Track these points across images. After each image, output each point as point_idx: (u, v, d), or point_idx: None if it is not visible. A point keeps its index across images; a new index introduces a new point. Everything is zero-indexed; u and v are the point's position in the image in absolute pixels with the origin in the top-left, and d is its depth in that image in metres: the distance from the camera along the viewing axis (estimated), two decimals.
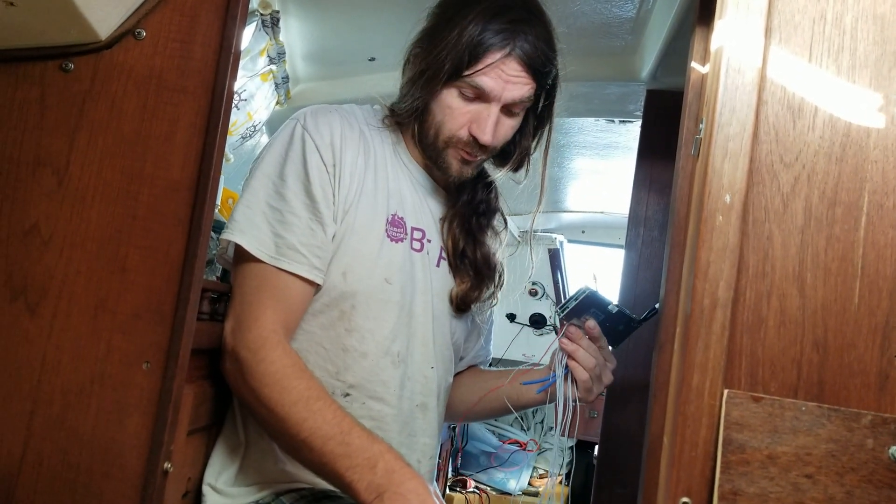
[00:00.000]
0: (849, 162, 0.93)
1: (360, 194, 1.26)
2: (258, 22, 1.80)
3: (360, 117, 1.33)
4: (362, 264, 1.25)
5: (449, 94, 1.26)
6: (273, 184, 1.21)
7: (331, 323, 1.25)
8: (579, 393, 1.37)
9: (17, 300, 1.01)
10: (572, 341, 1.36)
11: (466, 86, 1.24)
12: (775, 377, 0.91)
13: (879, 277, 0.91)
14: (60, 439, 0.99)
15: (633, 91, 2.06)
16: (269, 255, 1.18)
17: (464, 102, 1.26)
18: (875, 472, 0.87)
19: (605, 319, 1.38)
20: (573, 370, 1.36)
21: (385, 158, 1.32)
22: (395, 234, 1.29)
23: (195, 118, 1.04)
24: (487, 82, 1.23)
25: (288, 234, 1.19)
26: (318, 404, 1.12)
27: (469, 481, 3.99)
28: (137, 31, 1.06)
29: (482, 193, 1.43)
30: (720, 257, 0.91)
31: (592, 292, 1.36)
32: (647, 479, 1.15)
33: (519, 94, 1.26)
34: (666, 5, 1.63)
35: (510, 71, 1.24)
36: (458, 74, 1.23)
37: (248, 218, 1.20)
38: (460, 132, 1.27)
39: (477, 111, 1.26)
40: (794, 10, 0.95)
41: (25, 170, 1.03)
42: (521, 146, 1.40)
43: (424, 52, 1.28)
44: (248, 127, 2.10)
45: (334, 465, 1.09)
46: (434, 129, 1.29)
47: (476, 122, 1.26)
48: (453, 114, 1.26)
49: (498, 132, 1.28)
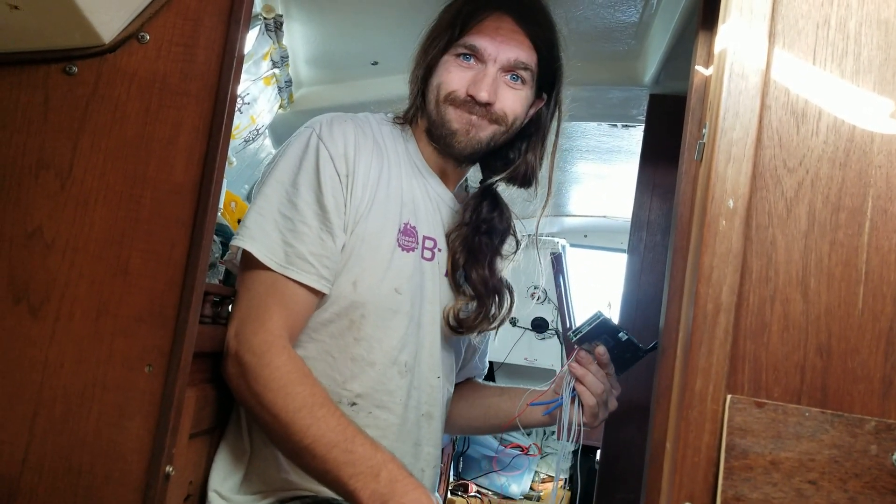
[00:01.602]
0: (853, 167, 0.93)
1: (371, 204, 1.25)
2: (261, 26, 1.80)
3: (374, 126, 1.34)
4: (373, 274, 1.24)
5: (446, 60, 1.30)
6: (286, 192, 1.21)
7: (340, 332, 1.25)
8: (585, 418, 1.37)
9: (20, 303, 1.01)
10: (582, 366, 1.36)
11: (461, 47, 1.28)
12: (778, 382, 0.91)
13: (883, 283, 0.91)
14: (62, 442, 0.99)
15: (635, 95, 2.06)
16: (278, 263, 1.18)
17: (462, 66, 1.29)
18: (878, 479, 0.87)
19: (614, 346, 1.39)
20: (581, 395, 1.37)
21: (399, 166, 1.32)
22: (406, 244, 1.29)
23: (198, 122, 1.04)
24: (480, 40, 1.27)
25: (298, 243, 1.19)
26: (322, 411, 1.11)
27: (470, 485, 3.98)
28: (141, 34, 1.06)
29: (486, 212, 1.40)
30: (723, 262, 0.91)
31: (605, 319, 1.37)
32: (650, 484, 1.14)
33: (515, 54, 1.29)
34: (669, 10, 1.63)
35: (504, 30, 1.28)
36: (453, 41, 1.28)
37: (259, 225, 1.19)
38: (458, 91, 1.29)
39: (473, 74, 1.29)
40: (797, 14, 0.95)
41: (29, 173, 1.03)
42: (527, 160, 1.40)
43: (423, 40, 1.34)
44: (251, 130, 2.11)
45: (338, 473, 1.09)
46: (434, 92, 1.31)
47: (473, 84, 1.28)
48: (450, 75, 1.30)
49: (501, 97, 1.30)
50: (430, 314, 1.32)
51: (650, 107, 1.99)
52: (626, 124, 2.32)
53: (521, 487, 4.04)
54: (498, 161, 1.42)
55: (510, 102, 1.31)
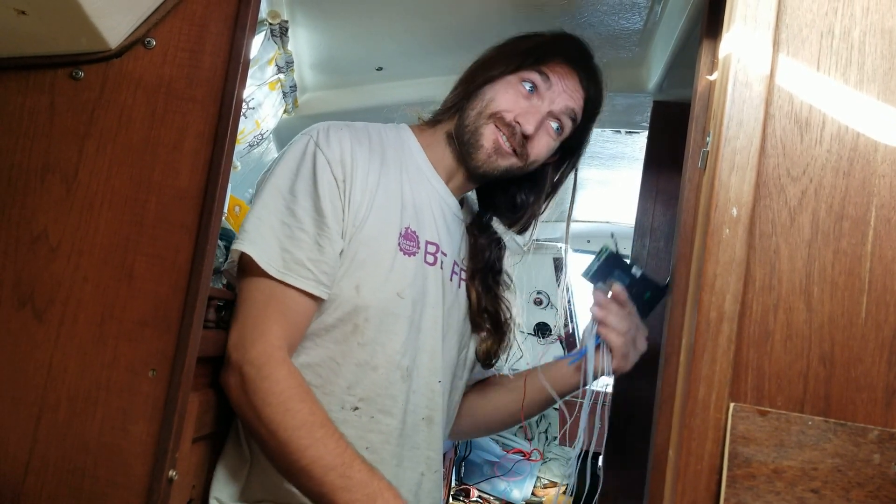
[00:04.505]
0: (856, 176, 0.93)
1: (371, 208, 1.26)
2: (267, 31, 1.81)
3: (371, 132, 1.34)
4: (375, 278, 1.25)
5: (509, 81, 1.33)
6: (284, 199, 1.21)
7: (344, 337, 1.25)
8: (615, 362, 1.33)
9: (25, 307, 1.01)
10: (601, 308, 1.33)
11: (533, 74, 1.32)
12: (782, 391, 0.91)
13: (887, 292, 0.91)
14: (66, 446, 0.99)
15: (639, 102, 2.06)
16: (276, 269, 1.18)
17: (521, 92, 1.32)
18: (882, 488, 0.87)
19: (630, 285, 1.33)
20: (605, 337, 1.32)
21: (400, 171, 1.33)
22: (407, 248, 1.29)
23: (203, 127, 1.04)
24: (552, 77, 1.33)
25: (296, 249, 1.19)
26: (321, 431, 1.12)
27: (472, 491, 3.98)
28: (147, 39, 1.06)
29: (496, 252, 1.48)
30: (727, 270, 0.91)
31: (613, 253, 1.32)
32: (652, 492, 1.14)
33: (570, 104, 1.35)
34: (673, 17, 1.64)
35: (571, 81, 1.34)
36: (523, 65, 1.31)
37: (258, 230, 1.20)
38: (507, 114, 1.32)
39: (528, 105, 1.33)
40: (801, 24, 0.95)
41: (34, 177, 1.04)
42: (532, 208, 1.46)
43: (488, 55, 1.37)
44: (256, 135, 2.11)
45: (333, 497, 1.09)
46: (482, 102, 1.34)
47: (525, 114, 1.32)
48: (507, 96, 1.33)
49: (538, 137, 1.34)
50: (432, 318, 1.32)
51: (654, 113, 1.99)
52: (630, 130, 2.32)
53: (523, 493, 4.04)
54: (500, 195, 1.50)
55: (542, 146, 1.36)
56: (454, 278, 1.39)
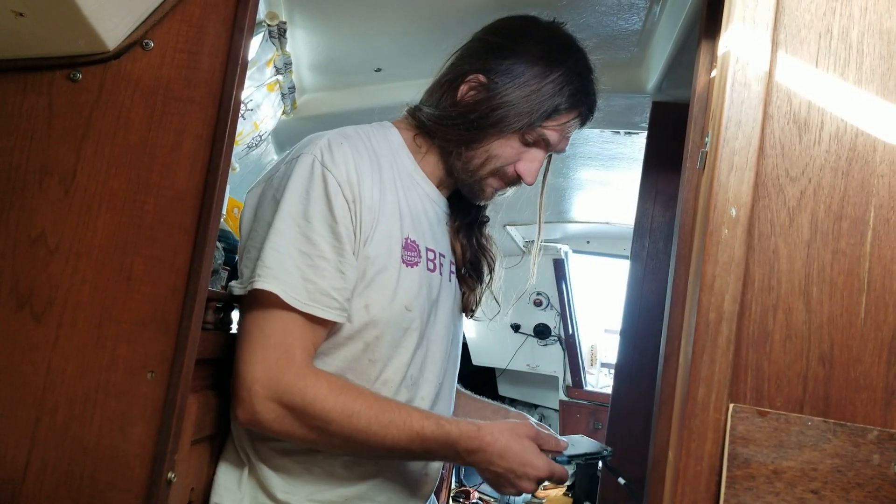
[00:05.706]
0: (855, 176, 0.93)
1: (376, 224, 1.23)
2: (265, 32, 1.81)
3: (364, 139, 1.30)
4: (383, 294, 1.23)
5: (513, 137, 1.34)
6: (298, 226, 1.17)
7: (354, 356, 1.23)
8: None
9: (23, 308, 1.01)
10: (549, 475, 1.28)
11: (534, 135, 1.34)
12: (781, 391, 0.91)
13: (886, 292, 0.91)
14: (65, 448, 0.99)
15: (638, 103, 2.06)
16: (301, 302, 1.15)
17: (521, 144, 1.35)
18: (881, 489, 0.87)
19: None
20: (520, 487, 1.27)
21: (394, 179, 1.31)
22: (409, 259, 1.28)
23: (202, 128, 1.04)
24: (553, 136, 1.35)
25: (318, 278, 1.16)
26: (385, 416, 1.16)
27: (472, 492, 3.98)
28: (145, 41, 1.06)
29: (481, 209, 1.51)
30: (726, 271, 0.91)
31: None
32: (652, 493, 1.14)
33: (566, 145, 1.40)
34: (672, 18, 1.64)
35: (570, 129, 1.38)
36: (529, 126, 1.32)
37: (279, 263, 1.15)
38: (508, 168, 1.36)
39: (529, 155, 1.36)
40: (800, 24, 0.95)
41: (32, 178, 1.04)
42: None
43: (497, 91, 1.33)
44: (255, 136, 2.11)
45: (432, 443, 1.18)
46: (485, 158, 1.35)
47: (526, 164, 1.36)
48: (509, 152, 1.35)
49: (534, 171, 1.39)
50: (438, 326, 1.33)
51: (653, 114, 1.99)
52: (629, 131, 2.32)
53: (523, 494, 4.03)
54: None
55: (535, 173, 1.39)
56: (451, 278, 1.40)
